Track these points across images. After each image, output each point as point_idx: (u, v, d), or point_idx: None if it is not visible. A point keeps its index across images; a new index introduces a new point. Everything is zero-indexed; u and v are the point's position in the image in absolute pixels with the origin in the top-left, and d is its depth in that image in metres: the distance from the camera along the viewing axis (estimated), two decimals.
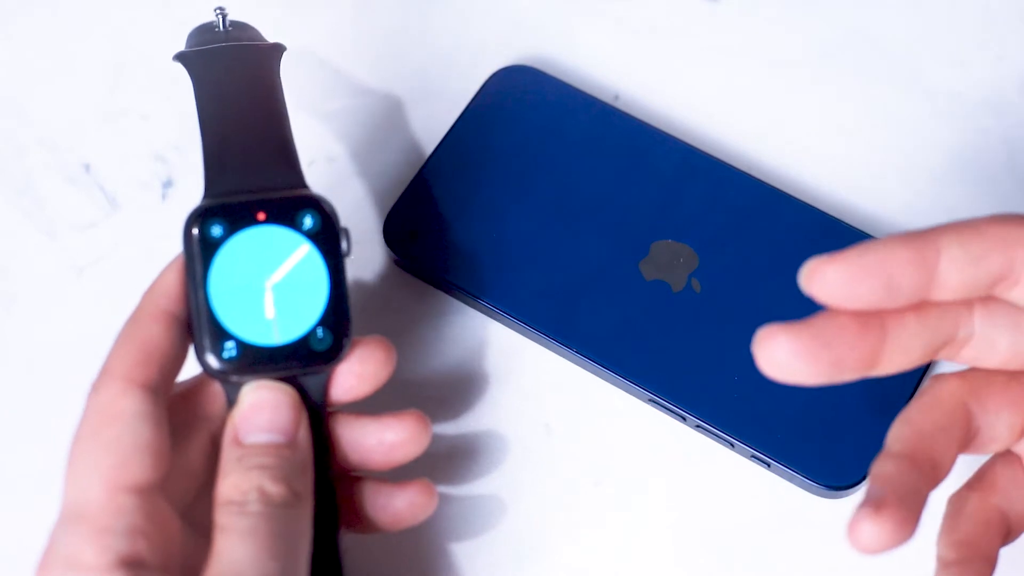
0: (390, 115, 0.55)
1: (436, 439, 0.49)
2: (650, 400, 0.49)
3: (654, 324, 0.50)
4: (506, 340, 0.51)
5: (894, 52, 0.56)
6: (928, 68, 0.56)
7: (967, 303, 0.40)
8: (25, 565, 0.41)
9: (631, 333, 0.50)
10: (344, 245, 0.43)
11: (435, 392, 0.50)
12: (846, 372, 0.39)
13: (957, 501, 0.42)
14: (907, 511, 0.38)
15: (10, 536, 0.48)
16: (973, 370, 0.42)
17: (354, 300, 0.52)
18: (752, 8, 0.58)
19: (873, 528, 0.38)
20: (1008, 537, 0.42)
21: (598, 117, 0.54)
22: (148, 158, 0.55)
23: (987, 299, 0.40)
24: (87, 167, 0.55)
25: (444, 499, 0.48)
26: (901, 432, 0.40)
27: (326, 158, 0.55)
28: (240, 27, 0.48)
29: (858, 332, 0.39)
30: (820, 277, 0.39)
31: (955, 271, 0.39)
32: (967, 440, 0.41)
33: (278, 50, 0.46)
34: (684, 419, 0.49)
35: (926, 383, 0.43)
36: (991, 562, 0.41)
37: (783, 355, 0.38)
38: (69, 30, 0.58)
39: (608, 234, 0.51)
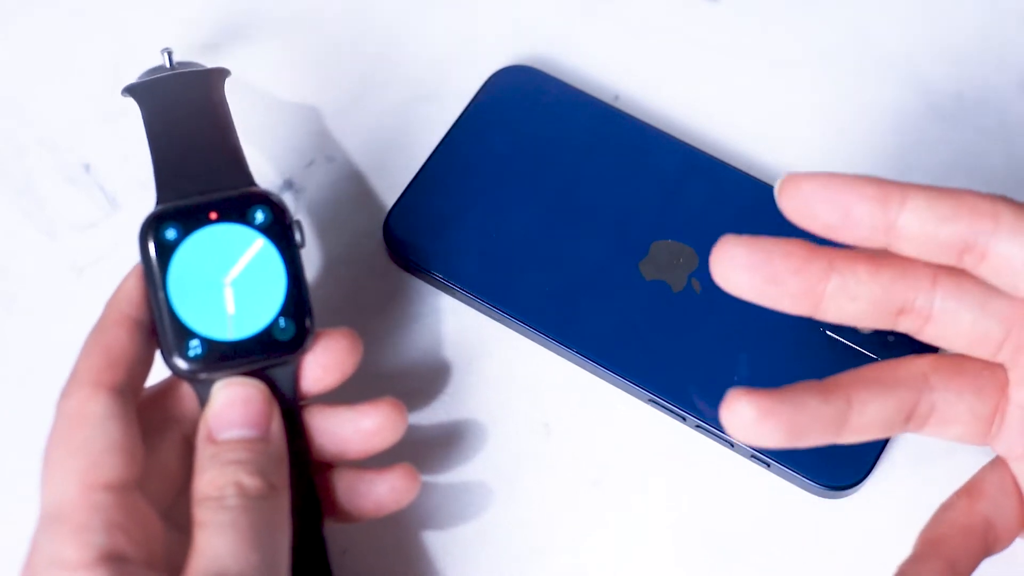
0: (390, 115, 0.55)
1: (435, 438, 0.49)
2: (650, 400, 0.49)
3: (654, 324, 0.50)
4: (506, 340, 0.51)
5: (894, 52, 0.56)
6: (928, 68, 0.56)
7: (930, 274, 0.41)
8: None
9: (631, 333, 0.50)
10: (297, 236, 0.43)
11: (434, 391, 0.50)
12: (784, 294, 0.40)
13: (945, 506, 0.43)
14: (781, 407, 0.39)
15: (10, 535, 0.48)
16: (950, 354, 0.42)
17: (354, 299, 0.52)
18: (752, 8, 0.58)
19: (740, 402, 0.39)
20: (995, 545, 0.42)
21: (598, 117, 0.54)
22: (148, 158, 0.55)
23: (954, 274, 0.40)
24: (87, 167, 0.55)
25: (442, 498, 0.48)
26: (841, 375, 0.41)
27: (326, 158, 0.55)
28: (185, 64, 0.49)
29: (804, 257, 0.40)
30: (789, 188, 0.40)
31: (916, 223, 0.39)
32: (909, 407, 0.41)
33: (221, 73, 0.48)
34: (684, 419, 0.49)
35: None
36: (955, 567, 0.41)
37: (728, 266, 0.40)
38: (69, 30, 0.58)
39: (608, 234, 0.51)
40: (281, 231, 0.43)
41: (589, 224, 0.52)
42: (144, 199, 0.54)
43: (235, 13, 0.57)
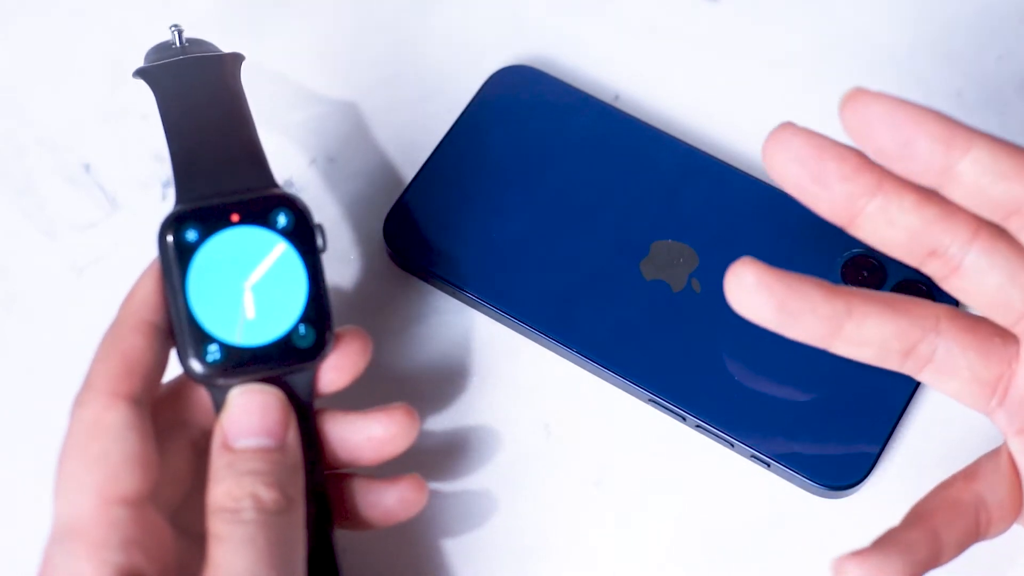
0: (390, 115, 0.55)
1: (435, 439, 0.49)
2: (650, 400, 0.49)
3: (654, 324, 0.50)
4: (506, 340, 0.51)
5: (894, 52, 0.56)
6: (928, 68, 0.56)
7: (973, 226, 0.40)
8: (24, 566, 0.41)
9: (631, 333, 0.50)
10: (320, 241, 0.43)
11: (434, 392, 0.50)
12: (825, 198, 0.40)
13: (941, 484, 0.43)
14: (780, 286, 0.40)
15: (10, 536, 0.48)
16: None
17: (353, 300, 0.52)
18: (752, 8, 0.58)
19: (746, 268, 0.40)
20: (989, 528, 0.42)
21: (598, 117, 0.54)
22: (148, 158, 0.55)
23: (995, 233, 0.40)
24: (87, 167, 0.55)
25: (443, 500, 0.48)
26: (855, 287, 0.41)
27: (326, 158, 0.55)
28: (196, 43, 0.48)
29: (855, 166, 0.39)
30: (853, 102, 0.39)
31: (974, 174, 0.38)
32: (910, 341, 0.41)
33: (237, 59, 0.47)
34: (684, 419, 0.49)
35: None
36: (939, 537, 0.41)
37: (782, 152, 0.39)
38: (69, 30, 0.58)
39: (608, 234, 0.51)
40: (303, 235, 0.42)
41: (589, 224, 0.52)
42: (144, 199, 0.54)
43: (233, 15, 0.57)
